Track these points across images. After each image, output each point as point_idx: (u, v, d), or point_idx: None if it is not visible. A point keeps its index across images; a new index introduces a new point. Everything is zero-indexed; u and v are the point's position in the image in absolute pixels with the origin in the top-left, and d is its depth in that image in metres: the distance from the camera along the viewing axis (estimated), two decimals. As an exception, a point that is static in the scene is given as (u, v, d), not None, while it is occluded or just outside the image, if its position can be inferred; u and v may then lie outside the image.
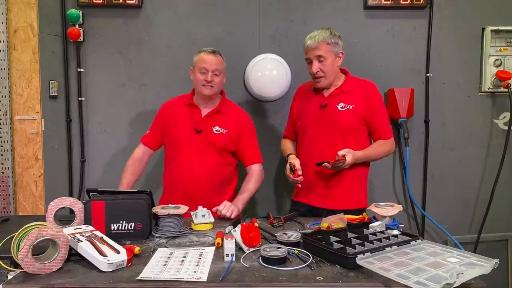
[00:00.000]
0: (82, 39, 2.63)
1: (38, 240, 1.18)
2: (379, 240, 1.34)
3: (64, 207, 1.54)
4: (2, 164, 2.65)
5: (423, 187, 2.78)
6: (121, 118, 2.68)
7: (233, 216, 1.82)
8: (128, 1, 2.60)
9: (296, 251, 1.32)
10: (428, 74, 2.72)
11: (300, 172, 1.92)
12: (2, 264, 1.23)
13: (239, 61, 2.68)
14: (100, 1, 2.58)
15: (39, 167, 2.70)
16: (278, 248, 1.28)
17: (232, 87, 2.70)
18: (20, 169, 2.69)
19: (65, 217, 1.58)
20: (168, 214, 1.59)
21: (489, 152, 2.79)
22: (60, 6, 2.61)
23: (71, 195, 2.69)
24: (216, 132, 2.06)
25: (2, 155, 2.64)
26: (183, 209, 1.63)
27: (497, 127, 2.77)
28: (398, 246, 1.29)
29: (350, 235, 1.40)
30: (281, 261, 1.24)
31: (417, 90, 2.70)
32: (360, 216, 1.63)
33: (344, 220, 1.51)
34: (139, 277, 1.15)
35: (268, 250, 1.26)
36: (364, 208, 2.00)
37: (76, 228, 1.40)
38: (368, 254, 1.19)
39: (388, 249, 1.25)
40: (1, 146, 2.64)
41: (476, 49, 2.72)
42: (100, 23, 2.65)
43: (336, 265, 1.22)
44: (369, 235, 1.40)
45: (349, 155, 1.84)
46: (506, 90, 2.63)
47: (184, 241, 1.51)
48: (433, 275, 1.05)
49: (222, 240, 1.34)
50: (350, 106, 1.97)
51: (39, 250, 1.22)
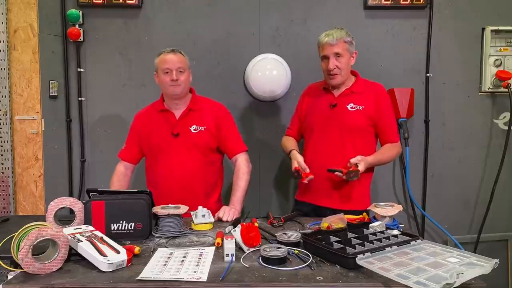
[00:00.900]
0: (82, 39, 2.63)
1: (38, 240, 1.18)
2: (379, 240, 1.34)
3: (64, 207, 1.54)
4: (2, 164, 2.65)
5: (423, 187, 2.78)
6: (121, 118, 2.68)
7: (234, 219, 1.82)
8: (128, 1, 2.60)
9: (296, 251, 1.32)
10: (428, 74, 2.72)
11: (308, 170, 1.90)
12: (2, 264, 1.23)
13: (239, 61, 2.68)
14: (100, 1, 2.58)
15: (39, 167, 2.70)
16: (278, 248, 1.28)
17: (232, 87, 2.71)
18: (20, 169, 2.70)
19: (65, 217, 1.58)
20: (168, 214, 1.59)
21: (489, 152, 2.79)
22: (60, 6, 2.61)
23: (71, 195, 2.69)
24: (195, 131, 2.02)
25: (2, 155, 2.65)
26: (183, 209, 1.63)
27: (497, 127, 2.78)
28: (398, 246, 1.29)
29: (350, 235, 1.40)
30: (281, 261, 1.24)
31: (417, 90, 2.70)
32: (360, 216, 1.63)
33: (344, 220, 1.51)
34: (139, 277, 1.15)
35: (268, 250, 1.26)
36: (367, 210, 2.01)
37: (76, 228, 1.40)
38: (368, 254, 1.19)
39: (388, 249, 1.25)
40: (1, 146, 2.64)
41: (476, 49, 2.72)
42: (100, 23, 2.65)
43: (336, 265, 1.22)
44: (369, 235, 1.40)
45: (362, 164, 1.81)
46: (506, 90, 2.64)
47: (184, 241, 1.51)
48: (433, 275, 1.05)
49: (222, 240, 1.34)
50: (360, 107, 1.97)
51: (39, 250, 1.22)
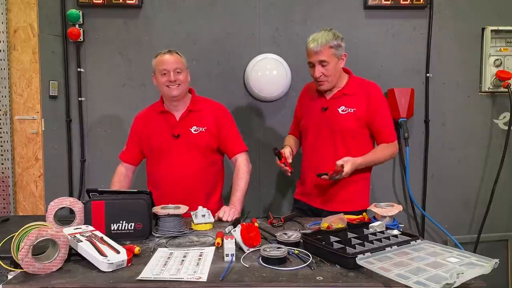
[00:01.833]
0: (82, 39, 2.63)
1: (38, 240, 1.18)
2: (379, 240, 1.34)
3: (64, 207, 1.54)
4: (2, 164, 2.65)
5: (423, 187, 2.79)
6: (121, 118, 2.68)
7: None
8: (128, 1, 2.60)
9: (296, 251, 1.31)
10: (428, 74, 2.72)
11: (290, 160, 1.89)
12: (2, 264, 1.23)
13: (239, 61, 2.68)
14: (100, 1, 2.58)
15: (39, 167, 2.70)
16: (278, 248, 1.28)
17: (232, 87, 2.71)
18: (20, 169, 2.70)
19: (65, 217, 1.58)
20: (168, 214, 1.59)
21: (489, 152, 2.79)
22: (60, 6, 2.61)
23: (71, 195, 2.69)
24: (195, 132, 2.01)
25: (2, 155, 2.65)
26: (183, 209, 1.63)
27: (497, 127, 2.78)
28: (398, 246, 1.29)
29: (350, 235, 1.40)
30: (281, 261, 1.24)
31: (417, 90, 2.70)
32: (360, 216, 1.63)
33: (344, 220, 1.51)
34: (139, 277, 1.15)
35: (268, 250, 1.26)
36: (365, 210, 1.99)
37: (76, 228, 1.40)
38: (368, 254, 1.19)
39: (388, 249, 1.25)
40: (1, 146, 2.64)
41: (476, 49, 2.72)
42: (100, 23, 2.65)
43: (336, 265, 1.22)
44: (369, 235, 1.40)
45: (348, 165, 1.78)
46: (506, 90, 2.64)
47: (184, 241, 1.51)
48: (433, 275, 1.05)
49: (222, 240, 1.34)
50: (351, 110, 1.93)
51: (39, 250, 1.22)
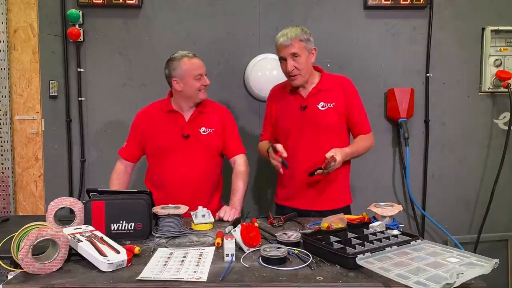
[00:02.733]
0: (82, 39, 2.63)
1: (38, 240, 1.18)
2: (379, 240, 1.34)
3: (64, 207, 1.54)
4: (2, 164, 2.65)
5: (423, 187, 2.79)
6: (121, 118, 2.68)
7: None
8: (128, 1, 2.60)
9: (296, 251, 1.32)
10: (428, 74, 2.72)
11: (285, 155, 1.84)
12: (2, 264, 1.23)
13: (239, 61, 2.68)
14: (100, 1, 2.58)
15: (39, 167, 2.70)
16: (278, 248, 1.28)
17: (232, 87, 2.71)
18: (20, 169, 2.70)
19: (65, 217, 1.58)
20: (168, 214, 1.59)
21: (489, 152, 2.79)
22: (60, 6, 2.61)
23: (71, 195, 2.69)
24: (204, 133, 2.03)
25: (2, 155, 2.65)
26: (183, 209, 1.63)
27: (497, 127, 2.78)
28: (398, 246, 1.29)
29: (350, 235, 1.40)
30: (281, 261, 1.24)
31: (417, 90, 2.70)
32: (360, 216, 1.63)
33: (344, 220, 1.51)
34: (139, 277, 1.15)
35: (268, 250, 1.26)
36: (349, 205, 2.04)
37: (76, 228, 1.40)
38: (368, 254, 1.19)
39: (388, 249, 1.25)
40: (1, 146, 2.64)
41: (476, 49, 2.72)
42: (100, 23, 2.65)
43: (336, 265, 1.22)
44: (369, 235, 1.40)
45: (338, 154, 1.79)
46: (506, 90, 2.64)
47: (184, 241, 1.51)
48: (433, 275, 1.05)
49: (222, 240, 1.34)
50: (331, 105, 1.95)
51: (39, 250, 1.22)
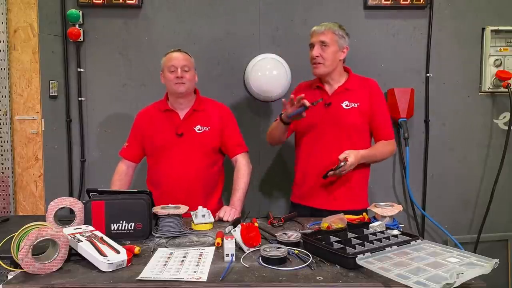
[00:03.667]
0: (82, 39, 2.63)
1: (38, 240, 1.18)
2: (379, 240, 1.34)
3: (64, 207, 1.54)
4: (2, 164, 2.65)
5: (423, 187, 2.78)
6: (121, 118, 2.68)
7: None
8: (128, 1, 2.60)
9: (296, 251, 1.32)
10: (428, 74, 2.72)
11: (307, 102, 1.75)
12: (2, 264, 1.23)
13: (239, 61, 2.68)
14: (100, 1, 2.58)
15: (39, 167, 2.70)
16: (278, 248, 1.28)
17: (232, 87, 2.71)
18: (20, 169, 2.70)
19: (65, 217, 1.58)
20: (168, 214, 1.59)
21: (489, 152, 2.79)
22: (60, 6, 2.61)
23: (71, 195, 2.69)
24: (199, 132, 2.03)
25: (2, 155, 2.65)
26: (183, 209, 1.63)
27: (497, 127, 2.77)
28: (398, 246, 1.29)
29: (350, 235, 1.40)
30: (281, 261, 1.24)
31: (417, 90, 2.70)
32: (360, 216, 1.63)
33: (344, 220, 1.51)
34: (139, 277, 1.15)
35: (268, 250, 1.26)
36: (365, 209, 1.97)
37: (76, 228, 1.40)
38: (368, 254, 1.19)
39: (388, 249, 1.25)
40: (1, 146, 2.64)
41: (476, 49, 2.72)
42: (100, 23, 2.65)
43: (336, 265, 1.22)
44: (369, 235, 1.40)
45: (351, 156, 1.78)
46: (506, 90, 2.64)
47: (184, 241, 1.51)
48: (433, 275, 1.05)
49: (222, 240, 1.34)
50: (355, 104, 1.93)
51: (39, 250, 1.22)
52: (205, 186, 2.05)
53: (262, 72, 2.60)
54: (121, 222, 1.50)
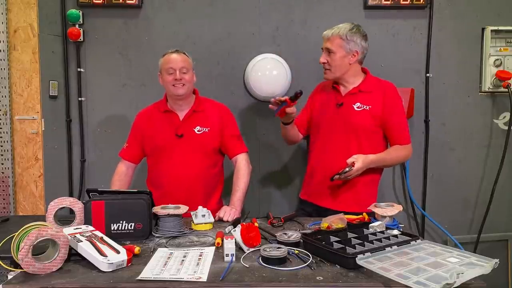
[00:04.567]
0: (82, 39, 2.63)
1: (38, 240, 1.18)
2: (379, 240, 1.34)
3: (64, 207, 1.54)
4: (2, 164, 2.65)
5: (423, 187, 2.78)
6: (121, 118, 2.68)
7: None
8: (128, 1, 2.60)
9: (296, 251, 1.32)
10: (428, 74, 2.72)
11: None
12: (2, 264, 1.23)
13: (239, 61, 2.68)
14: (100, 1, 2.58)
15: (39, 167, 2.70)
16: (278, 248, 1.28)
17: (232, 87, 2.71)
18: (20, 169, 2.70)
19: (65, 217, 1.58)
20: (168, 214, 1.59)
21: (489, 152, 2.79)
22: (60, 6, 2.61)
23: (71, 195, 2.69)
24: (199, 133, 2.02)
25: (2, 155, 2.65)
26: (183, 209, 1.63)
27: (497, 127, 2.77)
28: (398, 246, 1.29)
29: (350, 235, 1.40)
30: (281, 261, 1.24)
31: (417, 90, 2.70)
32: (360, 216, 1.63)
33: (344, 220, 1.51)
34: (139, 277, 1.15)
35: (268, 250, 1.26)
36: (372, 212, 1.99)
37: (76, 228, 1.40)
38: (368, 254, 1.19)
39: (388, 249, 1.25)
40: (1, 146, 2.64)
41: (476, 49, 2.72)
42: (100, 23, 2.65)
43: (336, 265, 1.22)
44: (369, 235, 1.40)
45: (359, 160, 1.77)
46: (506, 90, 2.63)
47: (184, 241, 1.51)
48: (433, 275, 1.05)
49: (222, 240, 1.34)
50: (367, 107, 1.91)
51: (39, 250, 1.22)
52: (206, 187, 2.05)
53: (262, 72, 2.60)
54: (121, 222, 1.50)
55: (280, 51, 2.66)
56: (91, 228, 1.42)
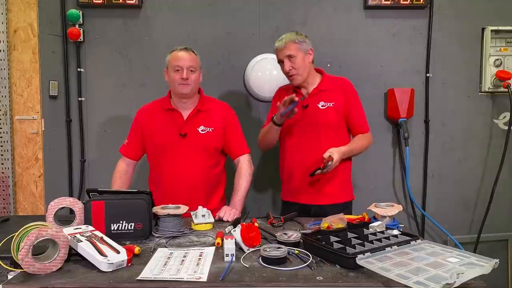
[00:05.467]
0: (82, 39, 2.63)
1: (38, 240, 1.18)
2: (379, 240, 1.34)
3: (64, 207, 1.54)
4: (2, 164, 2.65)
5: (423, 187, 2.78)
6: (121, 118, 2.68)
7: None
8: (128, 1, 2.60)
9: (296, 251, 1.32)
10: (428, 74, 2.72)
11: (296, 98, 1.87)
12: (2, 264, 1.23)
13: (239, 61, 2.68)
14: (100, 1, 2.58)
15: (39, 167, 2.70)
16: (278, 248, 1.28)
17: (232, 87, 2.71)
18: (20, 169, 2.70)
19: (65, 217, 1.58)
20: (168, 214, 1.59)
21: (489, 152, 2.79)
22: (60, 6, 2.61)
23: (71, 195, 2.69)
24: (202, 132, 2.01)
25: (2, 155, 2.65)
26: (183, 209, 1.63)
27: (497, 127, 2.78)
28: (398, 246, 1.29)
29: (350, 235, 1.40)
30: (281, 261, 1.24)
31: (417, 90, 2.70)
32: (360, 216, 1.64)
33: (344, 220, 1.51)
34: (139, 277, 1.15)
35: (268, 250, 1.26)
36: (351, 201, 2.12)
37: (76, 228, 1.40)
38: (368, 254, 1.19)
39: (388, 249, 1.25)
40: (1, 146, 2.64)
41: (476, 49, 2.72)
42: (100, 23, 2.65)
43: (336, 265, 1.22)
44: (369, 235, 1.40)
45: (335, 154, 1.87)
46: (506, 90, 2.63)
47: (184, 241, 1.51)
48: (433, 275, 1.05)
49: (222, 240, 1.35)
50: (330, 104, 2.03)
51: (39, 250, 1.22)
52: (208, 187, 2.05)
53: (262, 72, 2.60)
54: (121, 222, 1.50)
55: (280, 51, 2.66)
56: (91, 228, 1.42)
